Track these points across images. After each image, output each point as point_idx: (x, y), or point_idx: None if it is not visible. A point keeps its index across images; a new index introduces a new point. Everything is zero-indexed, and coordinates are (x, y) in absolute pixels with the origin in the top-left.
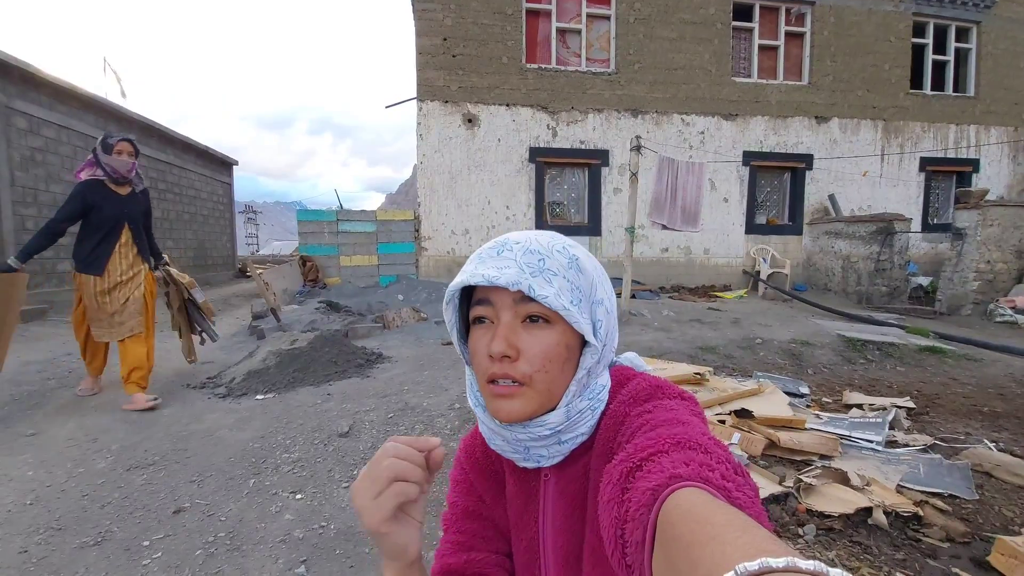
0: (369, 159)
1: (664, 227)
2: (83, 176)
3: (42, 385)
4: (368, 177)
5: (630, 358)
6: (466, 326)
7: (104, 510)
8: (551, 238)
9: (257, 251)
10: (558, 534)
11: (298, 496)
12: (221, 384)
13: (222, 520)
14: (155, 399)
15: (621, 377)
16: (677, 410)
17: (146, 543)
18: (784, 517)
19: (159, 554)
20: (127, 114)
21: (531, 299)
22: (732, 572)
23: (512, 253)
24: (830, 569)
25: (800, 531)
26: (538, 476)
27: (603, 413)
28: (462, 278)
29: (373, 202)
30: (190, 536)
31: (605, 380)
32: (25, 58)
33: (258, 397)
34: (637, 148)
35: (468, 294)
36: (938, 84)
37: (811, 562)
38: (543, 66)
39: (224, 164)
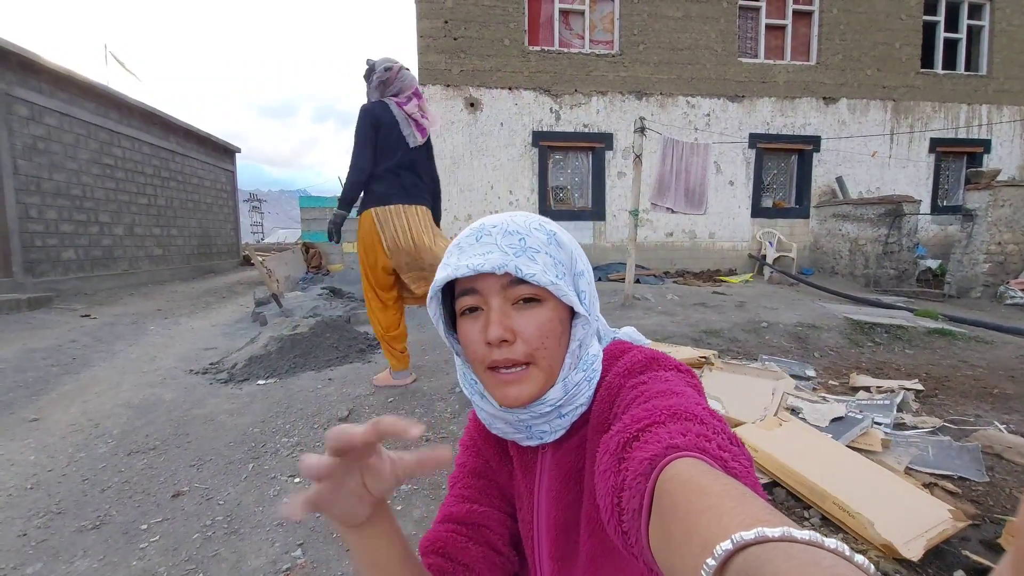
0: None
1: (669, 210)
2: None
3: (46, 372)
4: None
5: (628, 332)
6: (451, 317)
7: (104, 494)
8: (526, 217)
9: (262, 239)
10: (551, 505)
11: (296, 480)
12: (223, 370)
13: (220, 504)
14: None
15: (617, 351)
16: (672, 381)
17: (144, 527)
18: (789, 500)
19: (157, 538)
20: (129, 101)
21: (519, 282)
22: (728, 541)
23: (491, 237)
24: (825, 538)
25: (805, 514)
26: (536, 449)
27: (598, 386)
28: (446, 272)
29: None
30: (188, 520)
31: (596, 350)
32: (25, 45)
33: (259, 382)
34: (641, 130)
35: (450, 285)
36: (949, 63)
37: (806, 532)
38: (546, 48)
39: (226, 151)
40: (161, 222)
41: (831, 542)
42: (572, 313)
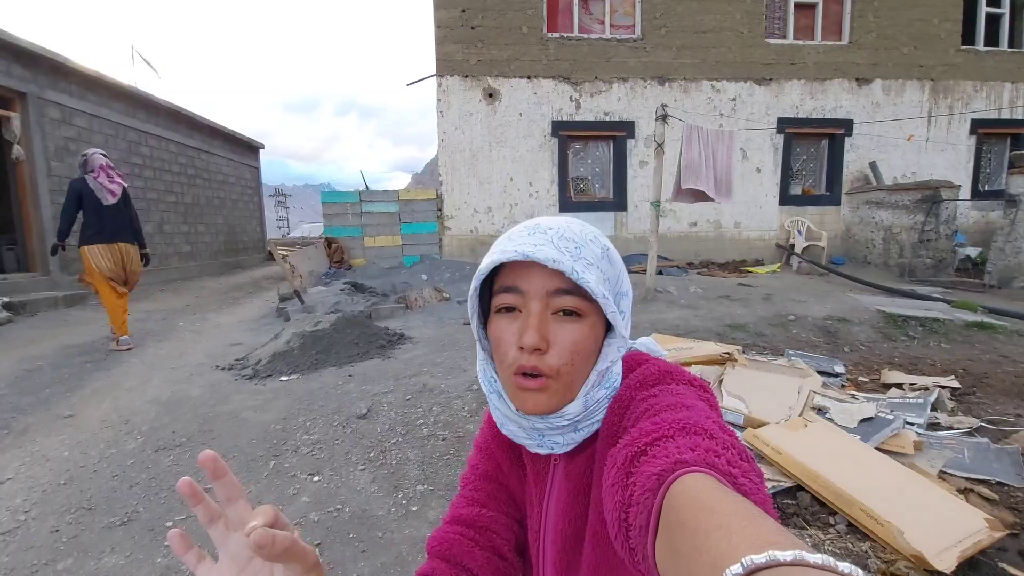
0: (394, 139)
1: (696, 196)
2: None
3: (80, 368)
4: (394, 158)
5: (645, 343)
6: (484, 311)
7: (132, 491)
8: (582, 227)
9: (288, 234)
10: (559, 516)
11: (315, 478)
12: (247, 366)
13: None
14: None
15: (632, 362)
16: (683, 395)
17: (169, 524)
18: (814, 506)
19: None
20: (155, 101)
21: (563, 293)
22: (739, 565)
23: (546, 236)
24: (839, 563)
25: (831, 520)
26: (548, 459)
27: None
28: (494, 256)
29: (399, 182)
30: None
31: (619, 368)
32: (54, 48)
33: (282, 379)
34: (663, 117)
35: (489, 282)
36: (992, 39)
37: (818, 555)
38: (565, 35)
39: (250, 148)
40: (189, 219)
41: (845, 566)
42: (605, 331)
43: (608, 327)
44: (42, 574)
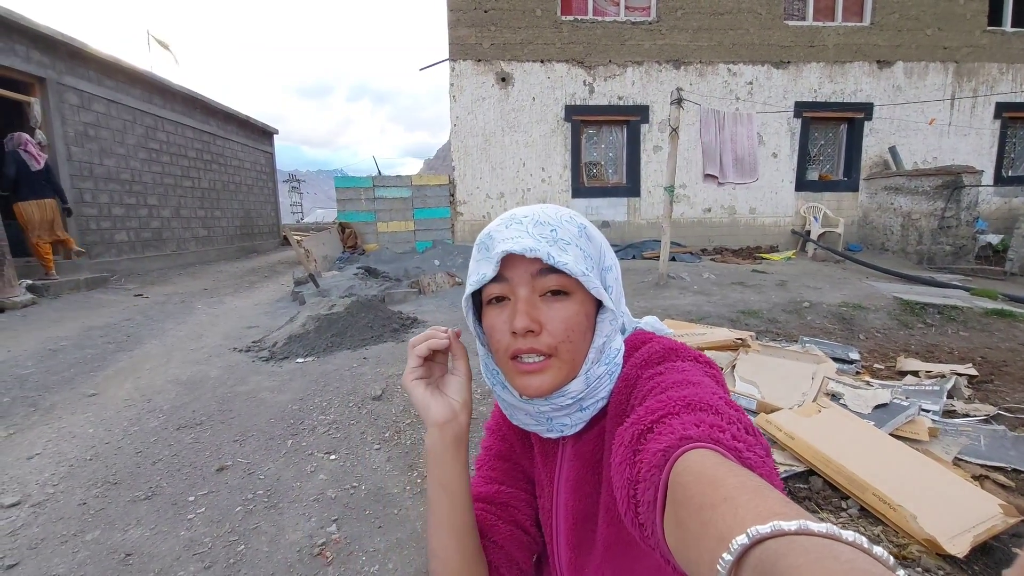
0: (407, 124)
1: (718, 182)
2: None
3: (103, 349)
4: (406, 143)
5: (650, 322)
6: (477, 305)
7: (155, 467)
8: (556, 209)
9: (302, 219)
10: (570, 495)
11: (332, 457)
12: (264, 348)
13: (261, 478)
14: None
15: (637, 341)
16: (689, 371)
17: (191, 498)
18: (826, 490)
19: (202, 509)
20: (171, 87)
21: (547, 273)
22: (744, 535)
23: (522, 225)
24: (842, 531)
25: (843, 505)
26: (556, 440)
27: (617, 376)
28: (479, 276)
29: (411, 168)
30: (231, 493)
31: (619, 344)
32: (71, 33)
33: (298, 361)
34: (678, 101)
35: None
36: (1019, 19)
37: (823, 524)
38: (579, 17)
39: (265, 133)
40: (205, 204)
41: (849, 534)
42: (597, 308)
43: (599, 303)
44: (71, 544)
